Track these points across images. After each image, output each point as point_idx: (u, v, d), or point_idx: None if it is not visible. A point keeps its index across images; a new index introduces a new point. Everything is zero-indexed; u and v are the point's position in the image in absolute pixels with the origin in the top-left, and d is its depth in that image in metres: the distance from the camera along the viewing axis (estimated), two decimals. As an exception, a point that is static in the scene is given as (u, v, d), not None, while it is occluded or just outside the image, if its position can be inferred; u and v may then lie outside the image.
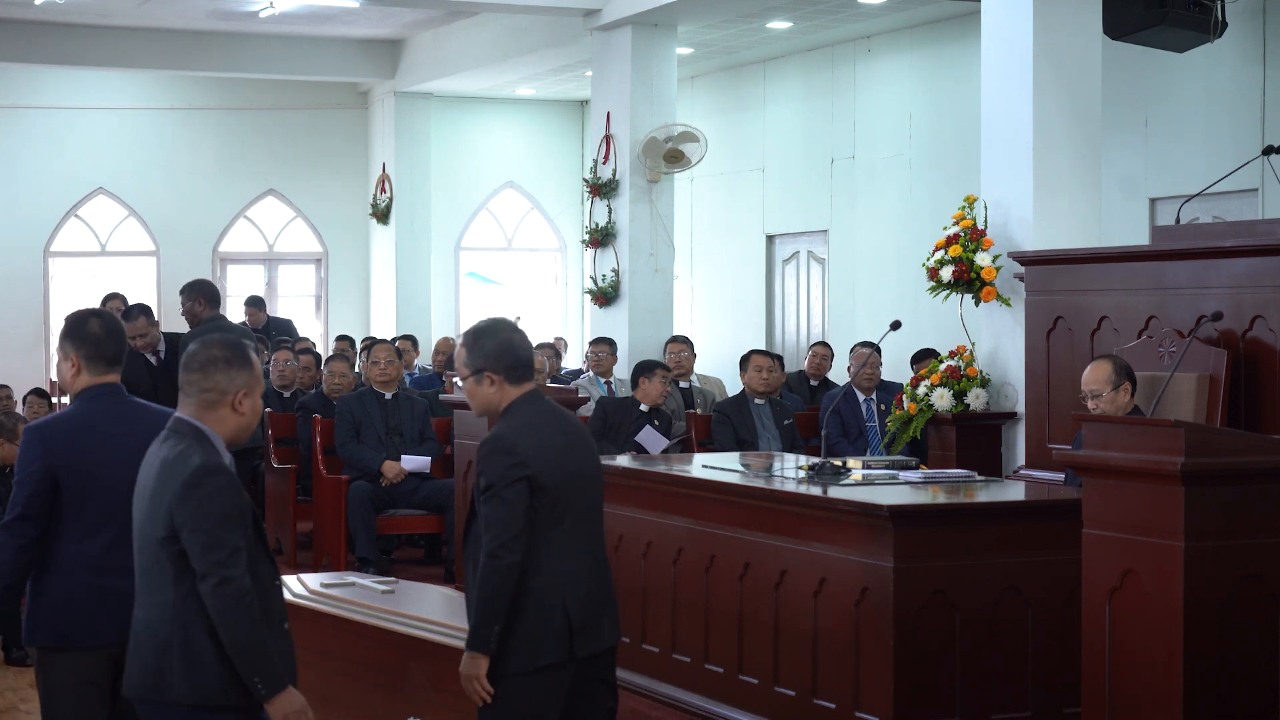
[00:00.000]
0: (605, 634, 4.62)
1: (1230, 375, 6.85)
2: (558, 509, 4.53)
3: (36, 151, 18.19)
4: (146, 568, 4.15)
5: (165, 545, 4.08)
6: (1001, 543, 5.85)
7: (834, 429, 10.07)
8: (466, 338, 4.68)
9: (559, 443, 4.57)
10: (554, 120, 19.77)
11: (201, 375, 4.24)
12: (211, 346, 4.29)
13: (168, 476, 4.11)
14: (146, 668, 4.12)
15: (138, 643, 4.16)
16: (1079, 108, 8.76)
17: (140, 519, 4.18)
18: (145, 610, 4.15)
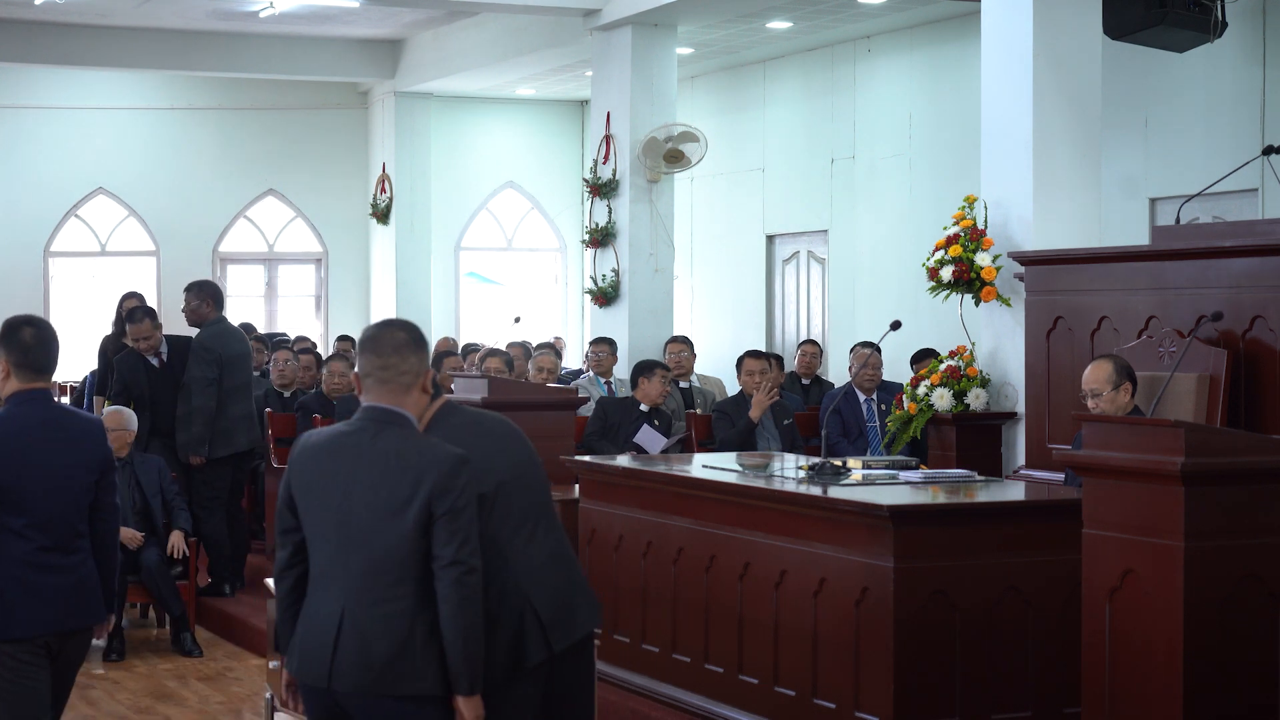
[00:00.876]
0: (580, 623, 4.47)
1: (1230, 375, 6.85)
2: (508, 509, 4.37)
3: (36, 151, 18.19)
4: (380, 565, 4.06)
5: (414, 539, 4.04)
6: (1001, 543, 5.85)
7: (834, 429, 10.07)
8: None
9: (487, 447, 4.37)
10: (554, 120, 19.77)
11: (398, 359, 4.16)
12: (393, 328, 4.22)
13: (418, 467, 4.05)
14: (376, 664, 4.07)
15: (363, 640, 4.07)
16: (1079, 108, 8.76)
17: (367, 518, 4.07)
18: (375, 607, 4.06)
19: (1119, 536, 4.85)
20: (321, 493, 4.13)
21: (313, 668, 4.14)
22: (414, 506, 4.04)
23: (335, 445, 4.17)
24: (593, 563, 7.52)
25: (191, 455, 9.76)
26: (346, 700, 4.13)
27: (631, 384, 10.44)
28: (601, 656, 6.47)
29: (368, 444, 4.12)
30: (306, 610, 4.19)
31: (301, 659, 4.18)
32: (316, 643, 4.12)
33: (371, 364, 4.17)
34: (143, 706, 7.93)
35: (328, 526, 4.13)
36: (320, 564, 4.16)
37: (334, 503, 4.11)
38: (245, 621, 9.39)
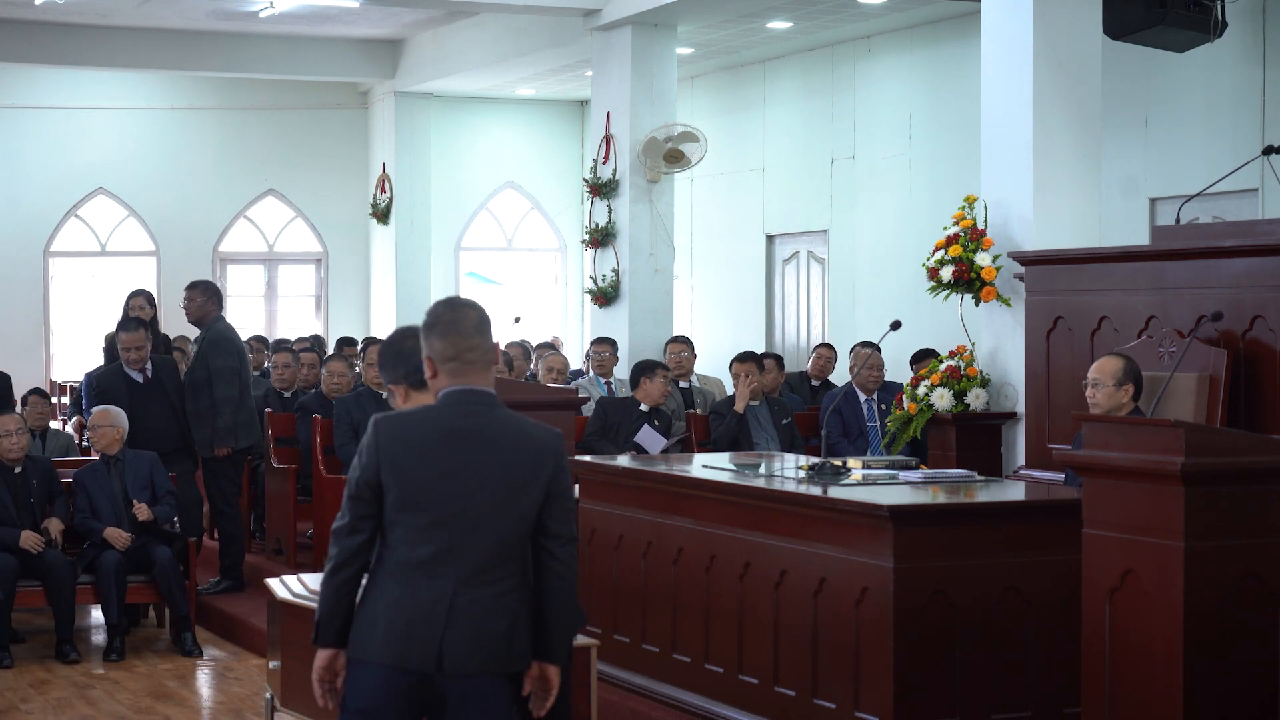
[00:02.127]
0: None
1: (1230, 375, 6.85)
2: None
3: (36, 151, 18.20)
4: (503, 545, 4.09)
5: (531, 517, 4.11)
6: (1001, 543, 5.85)
7: (834, 429, 10.07)
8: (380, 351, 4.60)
9: None
10: (554, 120, 19.77)
11: (481, 338, 4.14)
12: (468, 308, 4.18)
13: (539, 447, 4.12)
14: (493, 643, 4.09)
15: (480, 622, 4.08)
16: (1079, 108, 8.76)
17: (496, 500, 4.07)
18: (491, 587, 4.08)
19: (1119, 536, 4.85)
20: (443, 479, 4.08)
21: (416, 652, 4.06)
22: (538, 485, 4.11)
23: (451, 431, 4.10)
24: (593, 563, 7.53)
25: (219, 447, 9.78)
26: (450, 684, 4.08)
27: (632, 384, 10.44)
28: (601, 657, 6.47)
29: (488, 427, 4.11)
30: (394, 597, 4.08)
31: (400, 644, 4.07)
32: (421, 627, 4.05)
33: (459, 345, 4.12)
34: (143, 706, 7.93)
35: (447, 512, 4.08)
36: (425, 550, 4.08)
37: (460, 489, 4.08)
38: (245, 621, 9.39)
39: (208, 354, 9.80)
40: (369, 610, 4.11)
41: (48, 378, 17.77)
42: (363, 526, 4.14)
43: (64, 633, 8.83)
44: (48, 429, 11.19)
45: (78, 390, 14.08)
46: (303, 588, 6.63)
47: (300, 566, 9.88)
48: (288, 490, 10.36)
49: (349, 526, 4.16)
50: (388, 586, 4.10)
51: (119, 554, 8.89)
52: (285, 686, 6.55)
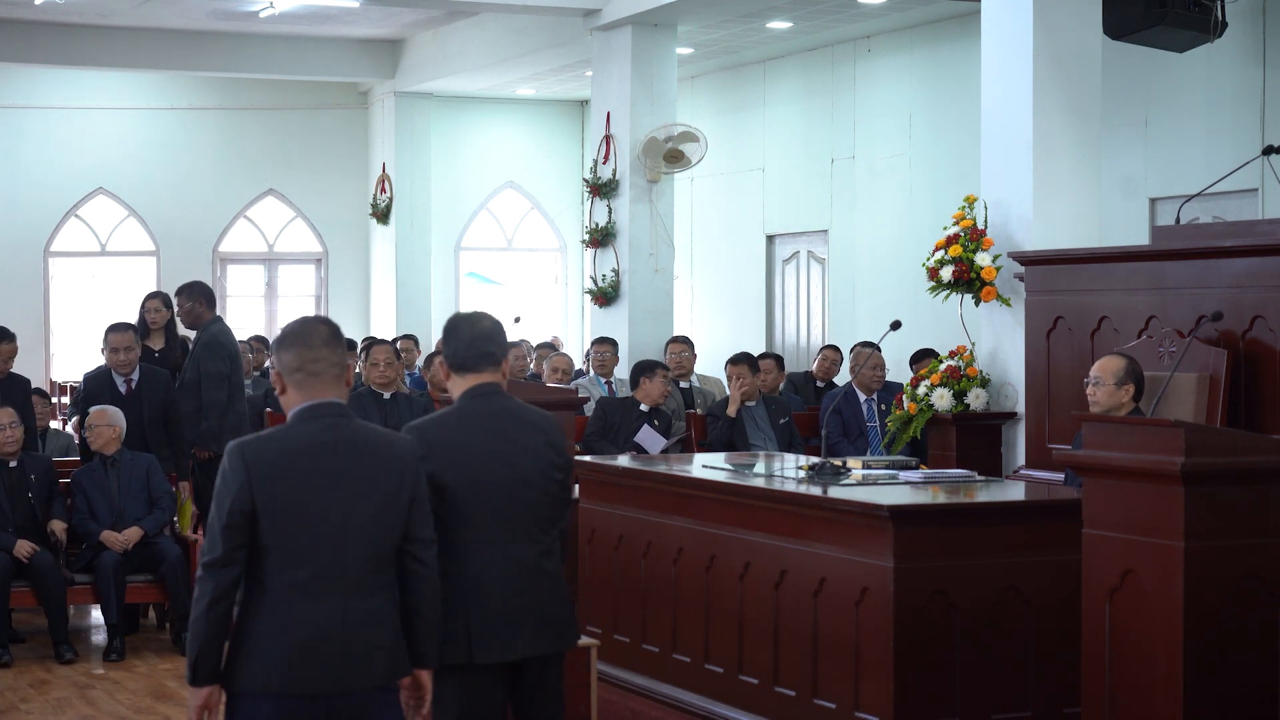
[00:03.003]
0: (519, 644, 4.53)
1: (1230, 375, 6.85)
2: (461, 512, 4.50)
3: (36, 151, 18.20)
4: (378, 556, 4.09)
5: (401, 526, 4.13)
6: (1001, 543, 5.85)
7: (834, 429, 10.07)
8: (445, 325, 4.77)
9: (483, 444, 4.54)
10: (554, 120, 19.77)
11: (330, 351, 4.17)
12: (319, 322, 4.22)
13: (400, 456, 4.15)
14: (387, 653, 4.12)
15: (376, 631, 4.09)
16: (1079, 108, 8.76)
17: (369, 511, 4.08)
18: (370, 598, 4.09)
19: (1119, 536, 4.85)
20: (315, 496, 4.05)
21: (316, 675, 4.03)
22: (404, 493, 4.12)
23: (315, 446, 4.08)
24: (593, 563, 7.53)
25: (200, 449, 9.75)
26: (350, 700, 4.07)
27: (632, 384, 10.44)
28: (601, 657, 6.48)
29: (351, 440, 4.11)
30: (280, 623, 4.02)
31: (298, 670, 4.02)
32: (316, 649, 4.02)
33: (304, 357, 4.14)
34: (143, 706, 7.92)
35: (323, 529, 4.05)
36: (304, 571, 4.03)
37: (333, 503, 4.06)
38: (245, 621, 9.37)
39: (200, 357, 9.78)
40: (252, 641, 4.04)
41: (48, 378, 17.78)
42: (237, 558, 4.03)
43: (58, 633, 8.82)
44: (48, 429, 11.18)
45: (78, 390, 14.08)
46: (303, 588, 6.63)
47: (300, 566, 9.86)
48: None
49: (223, 559, 4.02)
50: (269, 613, 4.03)
51: (118, 554, 8.88)
52: (285, 686, 6.54)
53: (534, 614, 4.56)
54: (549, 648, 4.61)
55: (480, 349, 4.63)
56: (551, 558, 4.64)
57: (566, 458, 4.72)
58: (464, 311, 4.79)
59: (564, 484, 4.70)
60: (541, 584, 4.59)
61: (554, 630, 4.61)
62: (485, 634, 4.50)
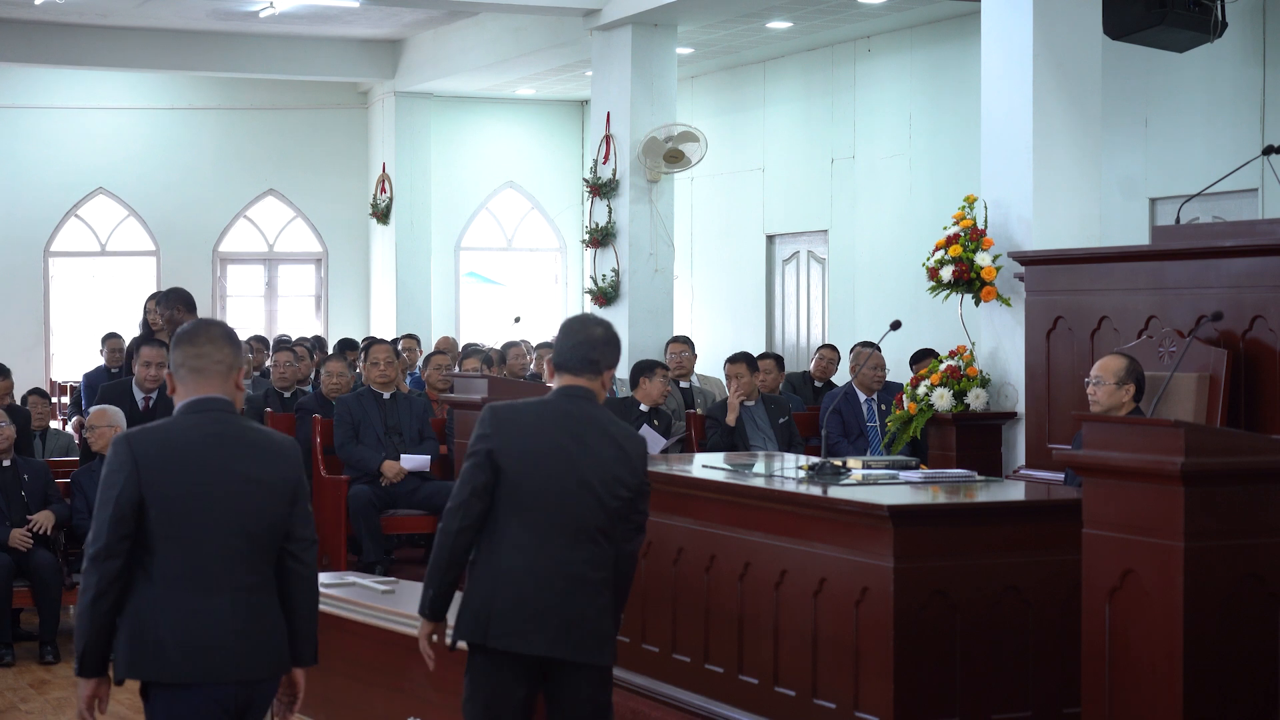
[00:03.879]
0: (539, 640, 4.54)
1: (1230, 375, 6.85)
2: (515, 498, 4.56)
3: (36, 151, 18.20)
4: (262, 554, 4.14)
5: (283, 526, 4.17)
6: (1001, 543, 5.85)
7: (834, 429, 10.07)
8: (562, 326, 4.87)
9: (550, 439, 4.59)
10: (554, 120, 19.77)
11: (214, 348, 4.21)
12: (213, 323, 4.30)
13: (282, 456, 4.20)
14: (273, 647, 4.21)
15: (263, 625, 4.16)
16: (1079, 108, 8.76)
17: (257, 508, 4.13)
18: (256, 593, 4.16)
19: (1119, 536, 4.84)
20: (205, 488, 4.07)
21: (217, 664, 4.10)
22: (286, 490, 4.18)
23: (205, 438, 4.12)
24: (593, 563, 7.52)
25: None
26: (240, 692, 4.14)
27: (631, 384, 10.43)
28: (601, 656, 6.47)
29: (239, 434, 4.17)
30: (176, 615, 4.05)
31: (199, 659, 4.08)
32: (214, 640, 4.10)
33: (188, 353, 4.19)
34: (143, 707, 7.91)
35: (212, 521, 4.07)
36: (194, 562, 4.06)
37: (223, 495, 4.08)
38: (245, 621, 9.37)
39: None
40: (149, 632, 4.06)
41: (48, 378, 17.78)
42: (121, 549, 4.06)
43: (47, 634, 8.81)
44: (47, 429, 11.19)
45: (78, 390, 14.09)
46: (303, 588, 6.63)
47: (300, 566, 9.86)
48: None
49: (106, 550, 4.06)
50: (164, 605, 4.06)
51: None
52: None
53: (561, 616, 4.56)
54: (572, 654, 4.59)
55: (583, 354, 4.70)
56: (599, 569, 4.62)
57: (640, 479, 4.70)
58: (582, 315, 4.85)
59: (631, 503, 4.67)
60: (579, 590, 4.58)
61: (580, 637, 4.58)
62: (505, 620, 4.52)
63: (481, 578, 4.56)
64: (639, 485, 4.68)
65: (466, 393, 9.03)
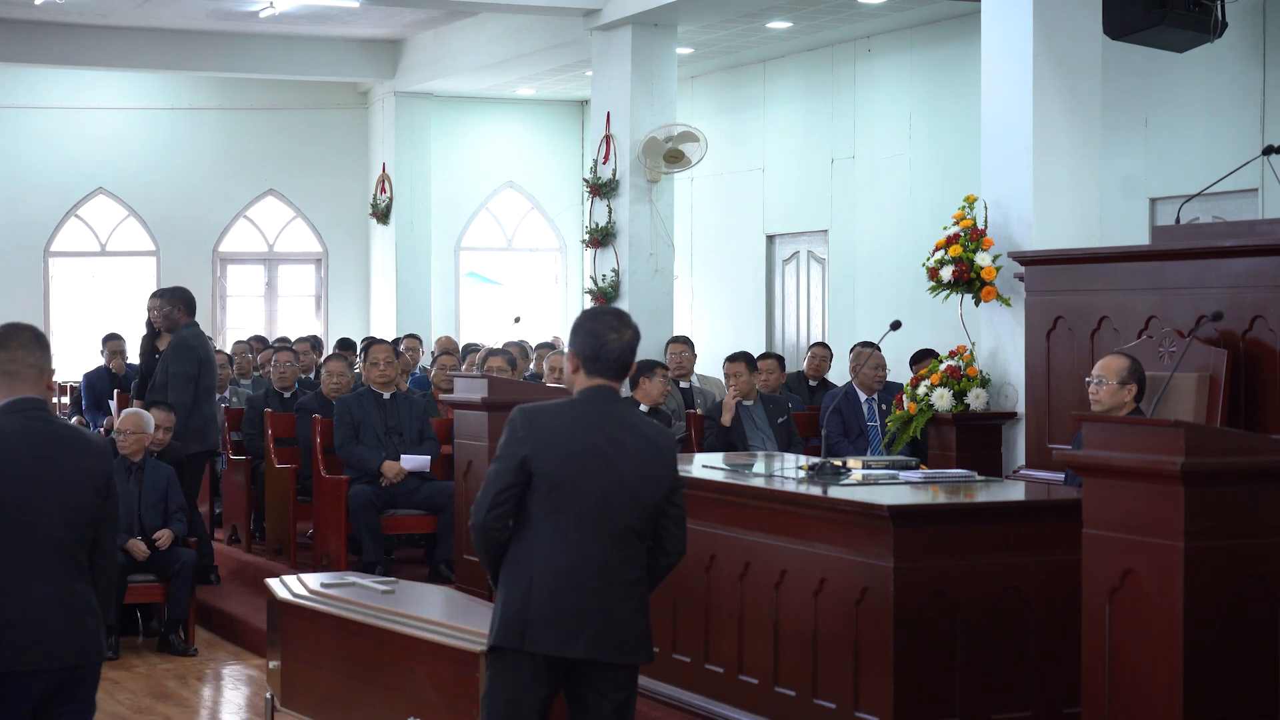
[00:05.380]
0: (579, 644, 4.53)
1: (1230, 375, 6.85)
2: (552, 500, 4.54)
3: (36, 151, 18.20)
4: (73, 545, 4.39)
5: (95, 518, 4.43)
6: (1001, 543, 5.85)
7: (834, 429, 10.06)
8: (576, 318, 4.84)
9: (586, 440, 4.58)
10: (554, 120, 19.77)
11: (25, 352, 4.44)
12: (21, 328, 4.51)
13: (94, 452, 4.46)
14: (85, 634, 4.42)
15: (74, 613, 4.37)
16: (1079, 108, 8.76)
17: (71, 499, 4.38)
18: (69, 581, 4.37)
19: (1119, 536, 4.84)
20: (20, 482, 4.30)
21: (43, 650, 4.32)
22: (97, 485, 4.42)
23: (23, 432, 4.35)
24: (593, 563, 7.52)
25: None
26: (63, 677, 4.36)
27: (631, 384, 10.43)
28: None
29: (54, 430, 4.44)
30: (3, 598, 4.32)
31: (22, 646, 4.31)
32: (28, 626, 4.30)
33: (5, 358, 4.41)
34: (143, 706, 7.93)
35: (32, 512, 4.29)
36: (18, 553, 4.29)
37: (38, 485, 4.32)
38: (245, 621, 9.39)
39: (169, 359, 9.93)
40: None
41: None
42: None
43: None
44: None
45: (78, 390, 14.09)
46: (302, 588, 6.64)
47: (300, 566, 9.88)
48: (288, 490, 10.36)
49: None
50: None
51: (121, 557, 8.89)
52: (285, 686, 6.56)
53: (598, 617, 4.55)
54: (608, 655, 4.59)
55: (624, 360, 4.75)
56: (634, 568, 4.62)
57: (673, 473, 4.71)
58: (613, 313, 4.82)
59: (667, 498, 4.67)
60: (615, 590, 4.57)
61: (617, 638, 4.59)
62: (543, 624, 4.50)
63: (516, 581, 4.53)
64: (673, 480, 4.69)
65: (468, 393, 9.03)
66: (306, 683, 6.45)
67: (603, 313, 4.78)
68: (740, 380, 10.12)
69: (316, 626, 6.37)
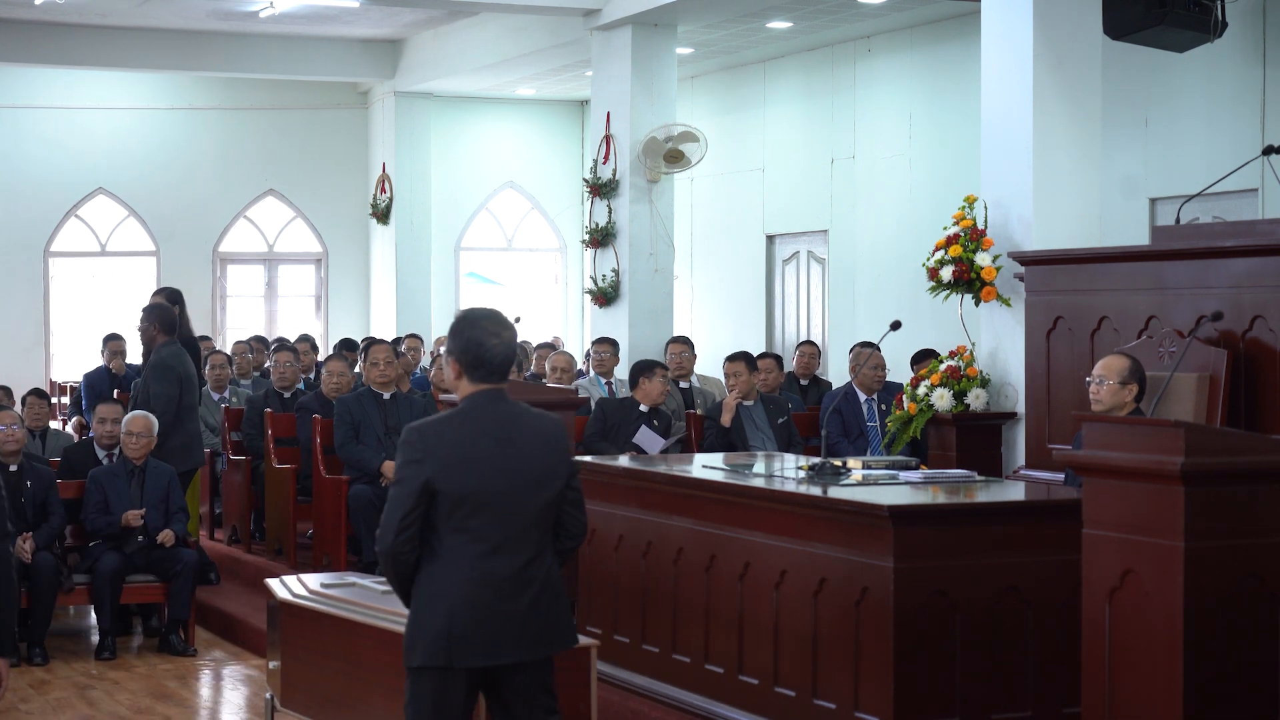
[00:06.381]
0: (503, 650, 4.56)
1: (1230, 375, 6.85)
2: (458, 516, 4.53)
3: (36, 151, 18.20)
4: None
5: None
6: (1001, 543, 5.85)
7: (834, 429, 10.06)
8: (454, 320, 4.75)
9: (483, 450, 4.56)
10: (554, 120, 19.77)
11: None
12: None
13: None
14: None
15: None
16: (1079, 108, 8.76)
17: None
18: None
19: (1119, 536, 4.84)
20: None
21: None
22: None
23: None
24: (593, 563, 7.53)
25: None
26: None
27: (631, 384, 10.43)
28: (601, 656, 6.47)
29: None
30: None
31: None
32: None
33: None
34: (143, 706, 7.93)
35: None
36: None
37: None
38: (245, 621, 9.39)
39: (149, 379, 9.88)
40: None
41: (47, 378, 17.78)
42: None
43: (37, 635, 8.83)
44: (47, 429, 11.19)
45: (78, 390, 14.09)
46: (302, 588, 6.64)
47: (300, 566, 9.88)
48: (287, 490, 10.36)
49: None
50: None
51: (119, 558, 8.90)
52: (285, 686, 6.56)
53: (520, 621, 4.57)
54: (536, 653, 4.63)
55: (507, 364, 4.69)
56: (545, 561, 4.65)
57: (567, 459, 4.73)
58: (490, 316, 4.73)
59: (568, 485, 4.70)
60: (531, 589, 4.60)
61: (542, 634, 4.62)
62: (467, 639, 4.52)
63: (434, 599, 4.54)
64: (569, 467, 4.72)
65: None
66: (306, 683, 6.45)
67: (481, 317, 4.69)
68: (740, 380, 10.11)
69: (316, 626, 6.37)
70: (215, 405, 12.18)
